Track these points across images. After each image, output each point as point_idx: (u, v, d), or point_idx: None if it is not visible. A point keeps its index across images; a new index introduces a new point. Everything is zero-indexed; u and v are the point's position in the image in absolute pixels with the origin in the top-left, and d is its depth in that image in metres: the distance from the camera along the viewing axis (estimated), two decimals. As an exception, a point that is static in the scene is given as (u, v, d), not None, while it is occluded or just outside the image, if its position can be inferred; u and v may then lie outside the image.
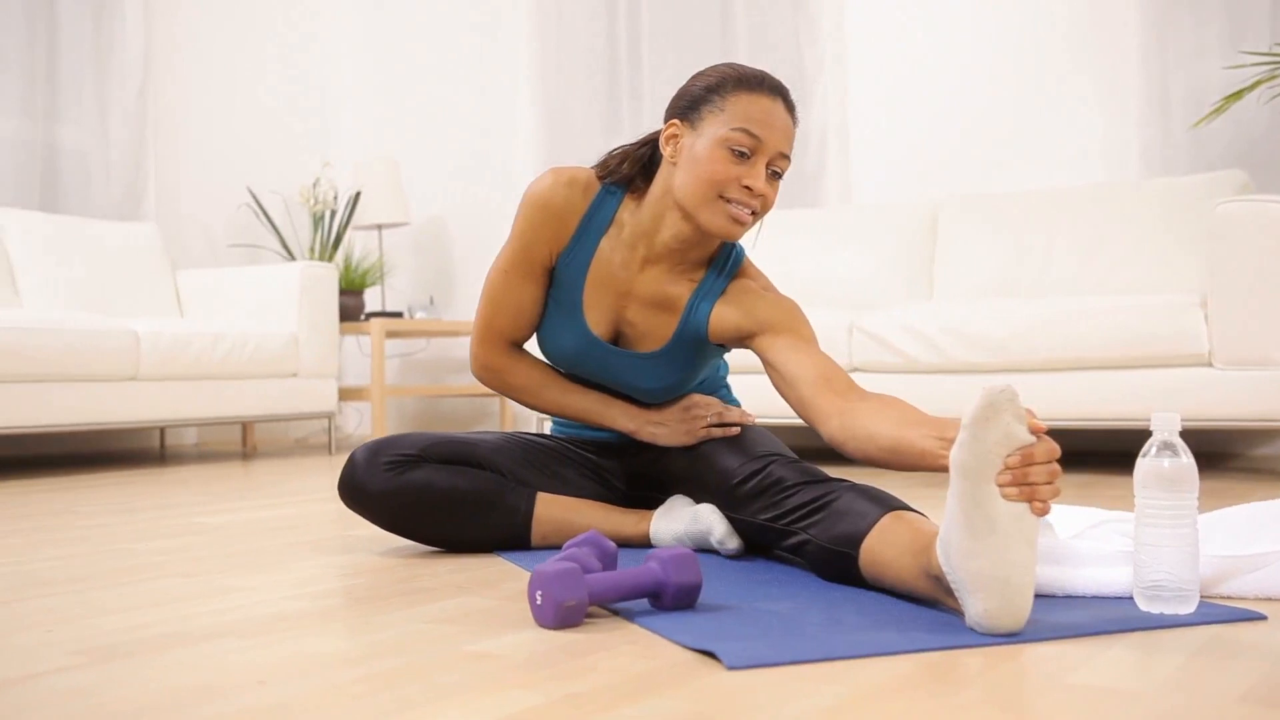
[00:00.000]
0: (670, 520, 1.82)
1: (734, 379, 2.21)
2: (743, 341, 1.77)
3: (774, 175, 1.71)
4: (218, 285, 4.49)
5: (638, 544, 1.85)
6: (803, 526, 1.56)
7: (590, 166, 1.84)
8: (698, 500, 1.82)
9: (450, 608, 1.43)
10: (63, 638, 1.29)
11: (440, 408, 5.46)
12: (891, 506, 1.47)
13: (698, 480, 1.80)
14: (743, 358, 2.55)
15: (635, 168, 1.82)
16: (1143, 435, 1.33)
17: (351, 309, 4.93)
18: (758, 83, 1.69)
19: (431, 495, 1.81)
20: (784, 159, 1.70)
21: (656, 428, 1.86)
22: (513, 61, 5.17)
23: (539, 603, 1.31)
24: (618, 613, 1.38)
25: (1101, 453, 3.79)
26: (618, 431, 1.91)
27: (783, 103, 1.70)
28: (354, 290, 4.97)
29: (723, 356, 1.96)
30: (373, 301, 5.43)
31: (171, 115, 4.94)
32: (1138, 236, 3.56)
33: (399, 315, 4.94)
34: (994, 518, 1.20)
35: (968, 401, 1.20)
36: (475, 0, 5.31)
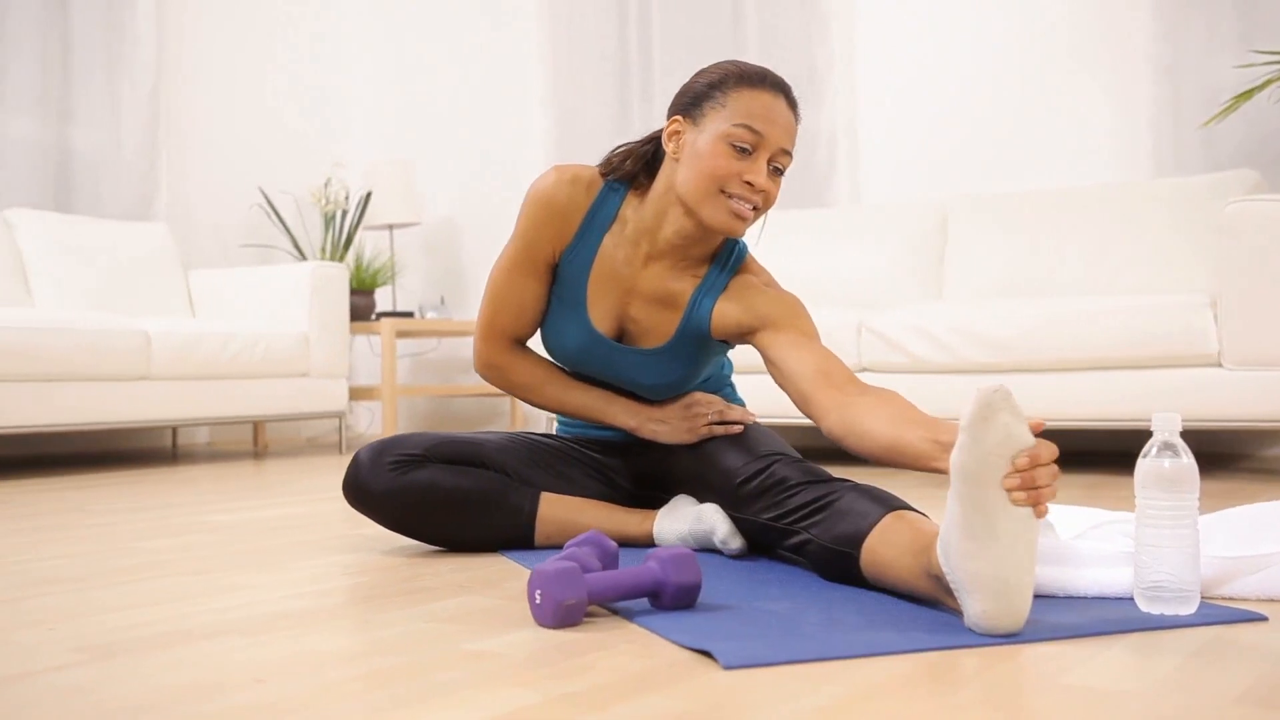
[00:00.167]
0: (674, 520, 1.83)
1: (739, 378, 2.20)
2: (744, 337, 1.77)
3: (776, 171, 1.71)
4: (229, 285, 4.50)
5: (641, 543, 1.86)
6: (804, 526, 1.56)
7: (595, 164, 1.85)
8: (702, 499, 1.82)
9: (451, 606, 1.44)
10: (63, 635, 1.30)
11: (451, 407, 5.47)
12: (893, 506, 1.47)
13: (702, 479, 1.81)
14: (748, 358, 2.54)
15: (639, 164, 1.82)
16: (1149, 436, 1.33)
17: (362, 309, 4.94)
18: (759, 79, 1.69)
19: (435, 495, 1.81)
20: (786, 155, 1.70)
21: (658, 425, 1.87)
22: (524, 62, 5.18)
23: (538, 602, 1.32)
24: (617, 612, 1.38)
25: (1110, 453, 3.78)
26: (621, 430, 1.91)
27: (784, 99, 1.70)
28: (365, 290, 4.99)
29: (726, 354, 1.96)
30: (384, 301, 5.45)
31: (183, 116, 4.97)
32: (1148, 236, 3.54)
33: (410, 315, 4.95)
34: (994, 519, 1.20)
35: (963, 404, 1.20)
36: (486, 1, 5.32)
